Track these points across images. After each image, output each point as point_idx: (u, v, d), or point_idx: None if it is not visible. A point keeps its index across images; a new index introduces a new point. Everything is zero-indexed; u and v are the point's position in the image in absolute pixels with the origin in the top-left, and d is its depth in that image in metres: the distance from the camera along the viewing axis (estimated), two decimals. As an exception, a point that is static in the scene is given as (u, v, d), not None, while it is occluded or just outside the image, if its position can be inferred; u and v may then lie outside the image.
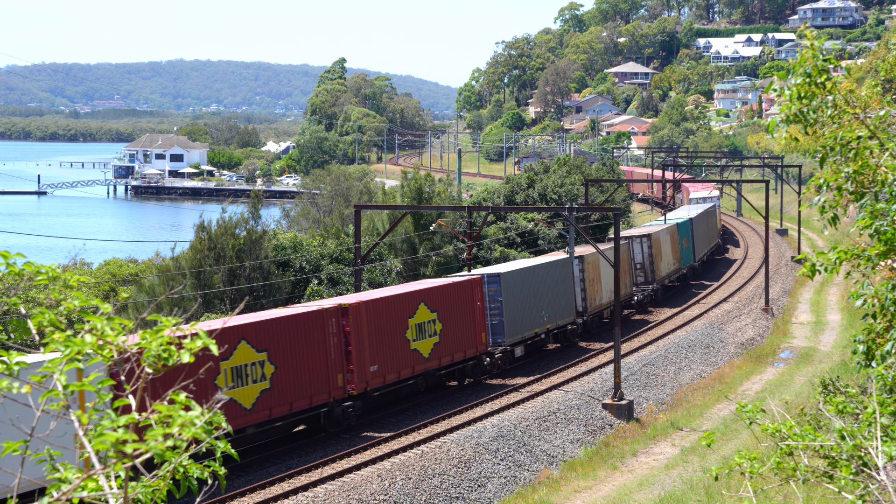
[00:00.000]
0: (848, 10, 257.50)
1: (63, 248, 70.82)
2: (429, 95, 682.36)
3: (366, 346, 35.62)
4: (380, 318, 36.43)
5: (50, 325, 5.84)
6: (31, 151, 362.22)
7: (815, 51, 10.76)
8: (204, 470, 6.31)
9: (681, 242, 69.70)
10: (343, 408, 34.95)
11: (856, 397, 13.34)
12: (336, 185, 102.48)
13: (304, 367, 33.23)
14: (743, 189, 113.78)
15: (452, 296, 40.68)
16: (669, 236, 66.81)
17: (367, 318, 35.80)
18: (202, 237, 50.42)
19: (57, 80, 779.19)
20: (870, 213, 11.30)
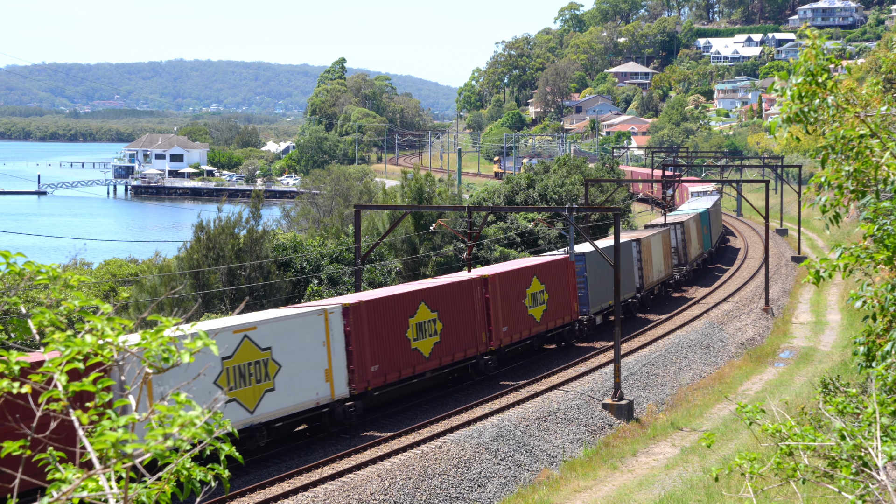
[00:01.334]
0: (848, 10, 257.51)
1: (63, 248, 70.83)
2: (429, 95, 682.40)
3: (500, 310, 43.61)
4: (506, 289, 44.26)
5: (50, 325, 5.84)
6: (31, 151, 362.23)
7: (818, 49, 10.75)
8: (207, 473, 6.32)
9: (702, 229, 77.50)
10: (485, 361, 42.75)
11: (856, 397, 13.34)
12: (336, 185, 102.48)
13: (461, 325, 41.16)
14: (743, 189, 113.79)
15: (554, 271, 48.34)
16: (695, 224, 74.33)
17: (501, 288, 43.75)
18: (200, 237, 50.44)
19: (57, 80, 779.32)
20: (872, 211, 11.29)
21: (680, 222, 70.06)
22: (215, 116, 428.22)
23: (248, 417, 31.46)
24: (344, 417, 35.05)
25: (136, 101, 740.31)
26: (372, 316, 36.46)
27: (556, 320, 48.05)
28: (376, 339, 36.63)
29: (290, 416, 33.30)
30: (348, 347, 35.31)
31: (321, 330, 34.28)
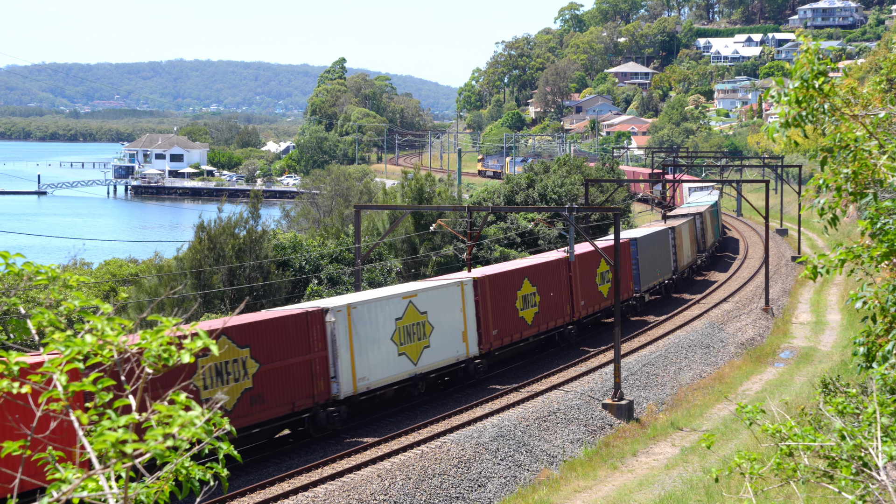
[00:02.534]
0: (848, 10, 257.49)
1: (63, 248, 70.82)
2: (429, 95, 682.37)
3: (580, 287, 51.05)
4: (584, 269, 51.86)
5: (50, 325, 5.84)
6: (31, 151, 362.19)
7: (812, 56, 10.75)
8: (206, 472, 6.32)
9: (714, 220, 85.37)
10: (568, 330, 50.12)
11: (856, 397, 13.34)
12: (336, 185, 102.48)
13: (554, 298, 48.17)
14: (743, 189, 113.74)
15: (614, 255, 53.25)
16: (709, 214, 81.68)
17: (580, 268, 51.32)
18: (202, 237, 50.45)
19: (57, 80, 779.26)
20: (875, 210, 11.29)
21: (699, 213, 77.21)
22: (215, 116, 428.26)
23: (412, 368, 38.41)
24: (474, 372, 42.05)
25: (136, 101, 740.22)
26: (493, 288, 43.52)
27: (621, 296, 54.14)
28: (496, 308, 43.59)
29: (439, 369, 40.20)
30: (477, 314, 42.24)
31: (459, 299, 41.20)
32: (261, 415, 31.91)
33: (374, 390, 36.67)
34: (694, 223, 73.42)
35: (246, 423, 31.36)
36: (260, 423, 32.15)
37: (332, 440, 34.82)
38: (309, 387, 33.69)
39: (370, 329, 36.05)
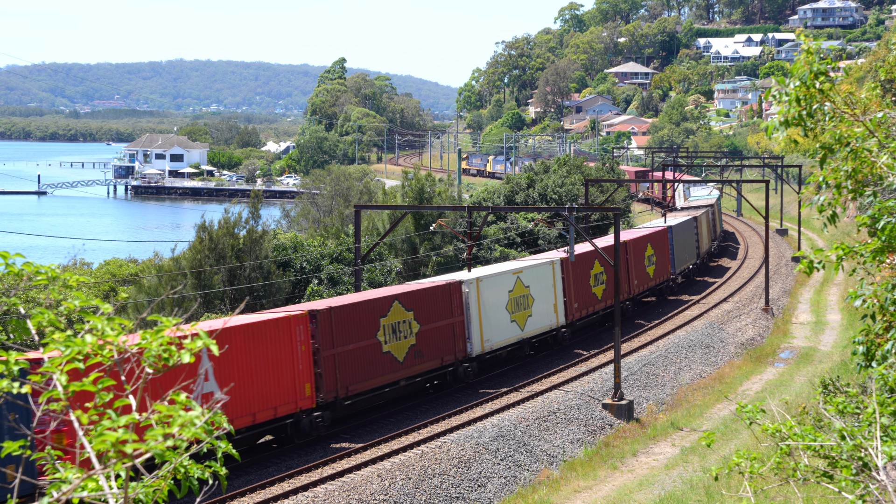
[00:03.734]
0: (848, 10, 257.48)
1: (63, 248, 70.82)
2: (429, 95, 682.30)
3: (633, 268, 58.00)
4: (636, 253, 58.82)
5: (50, 325, 5.84)
6: (31, 151, 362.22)
7: (812, 59, 10.75)
8: (205, 470, 6.32)
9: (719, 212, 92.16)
10: (626, 305, 56.71)
11: (856, 397, 13.34)
12: (336, 185, 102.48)
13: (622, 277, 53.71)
14: (743, 189, 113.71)
15: (657, 239, 63.27)
16: (716, 207, 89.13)
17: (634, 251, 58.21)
18: (203, 237, 50.45)
19: (57, 80, 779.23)
20: (877, 209, 11.29)
21: (710, 205, 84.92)
22: (215, 116, 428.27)
23: (520, 333, 45.37)
24: (561, 339, 49.25)
25: (136, 101, 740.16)
26: (575, 267, 50.37)
27: (658, 280, 63.24)
28: (576, 284, 50.59)
29: (537, 336, 46.89)
30: (564, 289, 49.23)
31: (551, 276, 48.01)
32: (420, 367, 38.99)
33: (495, 350, 44.03)
34: (708, 214, 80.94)
35: (410, 374, 38.54)
36: (419, 373, 39.20)
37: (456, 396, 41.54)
38: (452, 345, 40.75)
39: (492, 299, 43.35)
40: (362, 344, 35.79)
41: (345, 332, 35.09)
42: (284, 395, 32.47)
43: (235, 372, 30.51)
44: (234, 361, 30.60)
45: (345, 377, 34.99)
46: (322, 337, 33.95)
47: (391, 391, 38.16)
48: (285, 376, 32.53)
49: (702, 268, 76.95)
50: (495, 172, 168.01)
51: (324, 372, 33.98)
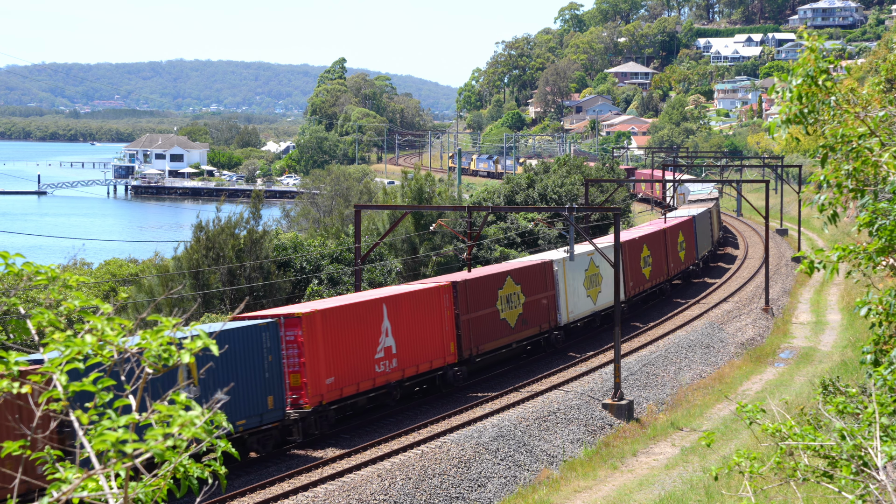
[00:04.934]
0: (848, 10, 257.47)
1: (63, 248, 70.81)
2: (429, 95, 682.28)
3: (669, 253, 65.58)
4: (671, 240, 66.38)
5: (50, 325, 5.84)
6: (31, 151, 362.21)
7: (817, 54, 10.74)
8: (204, 470, 6.31)
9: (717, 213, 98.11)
10: (666, 285, 65.37)
11: (856, 397, 13.33)
12: (336, 185, 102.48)
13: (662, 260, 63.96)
14: (743, 189, 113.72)
15: (686, 228, 70.35)
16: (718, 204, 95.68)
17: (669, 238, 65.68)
18: (200, 237, 50.42)
19: (57, 80, 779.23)
20: (871, 211, 11.28)
21: (715, 198, 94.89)
22: (215, 116, 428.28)
23: (593, 307, 52.73)
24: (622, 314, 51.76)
25: (136, 101, 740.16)
26: (630, 250, 57.27)
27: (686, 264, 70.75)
28: (631, 267, 57.24)
29: (603, 310, 53.39)
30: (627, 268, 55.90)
31: (585, 268, 52.35)
32: (526, 332, 46.25)
33: (576, 321, 51.16)
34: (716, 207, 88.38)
35: (518, 338, 45.70)
36: (525, 338, 46.40)
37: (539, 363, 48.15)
38: (546, 315, 48.01)
39: (574, 276, 50.60)
40: (487, 311, 43.07)
41: (475, 301, 42.13)
42: (437, 351, 39.66)
43: (405, 331, 37.60)
44: (403, 322, 37.45)
45: (476, 338, 42.16)
46: (461, 304, 41.07)
47: (505, 352, 45.55)
48: (437, 336, 39.70)
49: (715, 256, 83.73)
50: (478, 171, 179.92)
51: (462, 333, 41.10)
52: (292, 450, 33.69)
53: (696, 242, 72.64)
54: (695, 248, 72.57)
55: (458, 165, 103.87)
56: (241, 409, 30.70)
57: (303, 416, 33.02)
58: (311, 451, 33.86)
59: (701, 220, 76.12)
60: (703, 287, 71.19)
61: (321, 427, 34.04)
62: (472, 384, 42.53)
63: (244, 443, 31.55)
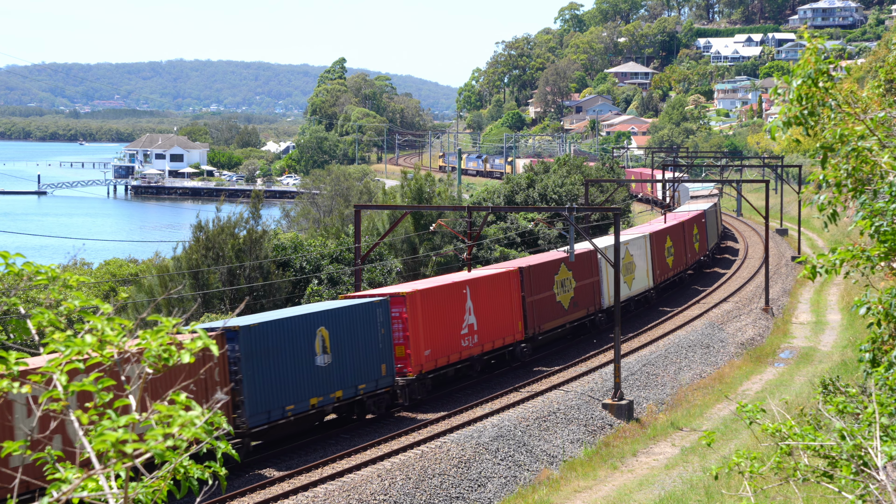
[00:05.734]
0: (848, 10, 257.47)
1: (63, 248, 70.82)
2: (429, 95, 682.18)
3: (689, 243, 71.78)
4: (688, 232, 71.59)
5: (50, 325, 5.84)
6: (31, 151, 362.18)
7: (816, 56, 10.73)
8: (205, 471, 6.32)
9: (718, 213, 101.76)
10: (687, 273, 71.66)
11: (856, 397, 13.34)
12: (336, 185, 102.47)
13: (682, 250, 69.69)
14: (743, 189, 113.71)
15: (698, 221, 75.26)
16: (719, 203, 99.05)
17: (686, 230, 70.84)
18: (199, 237, 50.41)
19: (57, 80, 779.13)
20: (869, 212, 11.28)
21: (716, 194, 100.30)
22: (215, 116, 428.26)
23: (629, 293, 57.27)
24: (652, 300, 62.02)
25: (136, 101, 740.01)
26: (657, 240, 62.71)
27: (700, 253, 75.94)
28: (658, 255, 62.50)
29: (636, 296, 58.86)
30: (652, 258, 60.88)
31: (644, 247, 59.86)
32: (576, 314, 51.01)
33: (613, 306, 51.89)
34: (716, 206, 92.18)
35: (570, 319, 50.53)
36: (575, 319, 51.09)
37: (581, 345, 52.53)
38: (592, 299, 52.96)
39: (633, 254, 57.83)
40: (546, 294, 47.83)
41: (536, 285, 46.86)
42: (508, 329, 44.44)
43: (483, 311, 42.32)
44: (482, 303, 42.04)
45: (538, 318, 46.96)
46: (526, 287, 45.84)
47: (560, 331, 50.27)
48: (508, 315, 44.47)
49: (719, 249, 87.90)
50: (467, 169, 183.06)
51: (527, 313, 45.83)
52: (399, 412, 38.27)
53: (706, 235, 78.06)
54: (706, 239, 77.72)
55: (459, 166, 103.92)
56: (361, 375, 35.56)
57: (407, 382, 37.86)
58: (413, 414, 38.09)
59: (709, 214, 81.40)
60: (715, 276, 75.97)
61: (420, 393, 38.67)
62: (536, 359, 47.56)
63: (363, 404, 36.28)
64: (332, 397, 34.29)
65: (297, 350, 32.82)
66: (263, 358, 31.60)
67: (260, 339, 31.56)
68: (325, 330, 34.07)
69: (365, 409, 36.31)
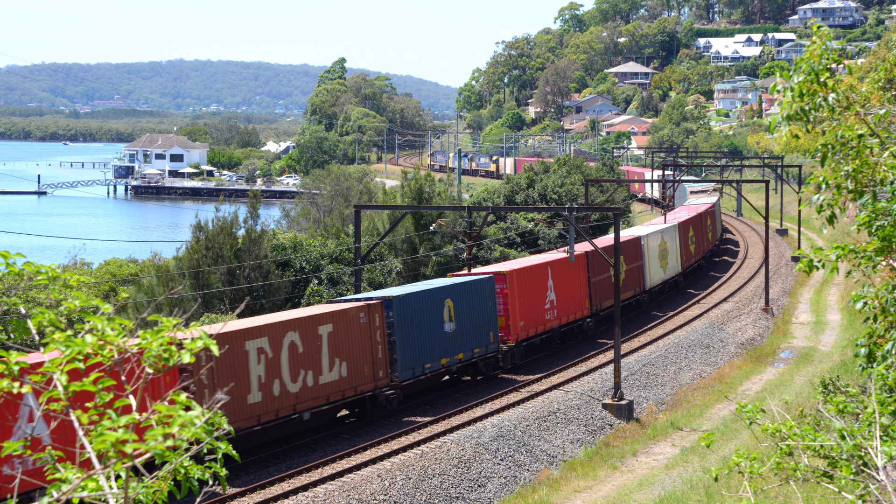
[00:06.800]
0: (848, 10, 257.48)
1: (63, 248, 70.81)
2: (429, 95, 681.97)
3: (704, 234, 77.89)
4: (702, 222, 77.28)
5: (50, 325, 5.84)
6: (31, 151, 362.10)
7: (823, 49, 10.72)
8: (205, 471, 6.31)
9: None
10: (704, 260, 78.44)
11: (856, 397, 13.34)
12: (336, 185, 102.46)
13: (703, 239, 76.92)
14: (743, 189, 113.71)
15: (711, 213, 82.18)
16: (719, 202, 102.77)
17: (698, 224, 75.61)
18: (199, 237, 50.40)
19: (57, 80, 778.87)
20: (871, 212, 11.27)
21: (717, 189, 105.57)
22: (215, 116, 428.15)
23: (664, 276, 64.10)
24: (680, 283, 69.36)
25: (136, 101, 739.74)
26: (682, 229, 68.97)
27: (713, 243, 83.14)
28: (683, 243, 68.82)
29: (667, 280, 65.44)
30: (680, 245, 67.68)
31: (675, 235, 66.67)
32: (627, 294, 57.12)
33: (654, 287, 62.84)
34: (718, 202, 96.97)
35: (623, 298, 54.69)
36: (627, 298, 57.22)
37: None
38: (638, 280, 59.73)
39: (653, 250, 62.33)
40: (604, 276, 53.65)
41: (597, 267, 52.92)
42: (577, 305, 50.95)
43: (560, 289, 48.55)
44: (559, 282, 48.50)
45: (599, 296, 53.35)
46: (591, 269, 52.39)
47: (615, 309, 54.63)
48: (577, 293, 50.92)
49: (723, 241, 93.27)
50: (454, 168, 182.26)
51: (592, 292, 52.44)
52: (500, 374, 44.39)
53: (715, 226, 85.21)
54: (715, 230, 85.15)
55: (459, 166, 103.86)
56: (476, 340, 41.56)
57: (508, 349, 44.24)
58: (512, 376, 44.17)
59: (716, 207, 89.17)
60: (727, 265, 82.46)
61: (518, 358, 45.18)
62: (599, 332, 54.07)
63: (476, 366, 42.70)
64: (456, 359, 40.33)
65: (431, 318, 38.93)
66: (409, 324, 37.65)
67: (407, 307, 37.61)
68: (451, 301, 40.15)
69: (478, 370, 42.84)
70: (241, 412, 30.57)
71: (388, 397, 36.88)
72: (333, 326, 34.14)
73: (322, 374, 33.70)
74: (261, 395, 31.27)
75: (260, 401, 31.27)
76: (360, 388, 35.34)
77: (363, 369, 35.54)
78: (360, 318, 35.38)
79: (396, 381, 36.93)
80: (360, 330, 35.24)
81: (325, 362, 33.79)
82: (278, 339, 32.07)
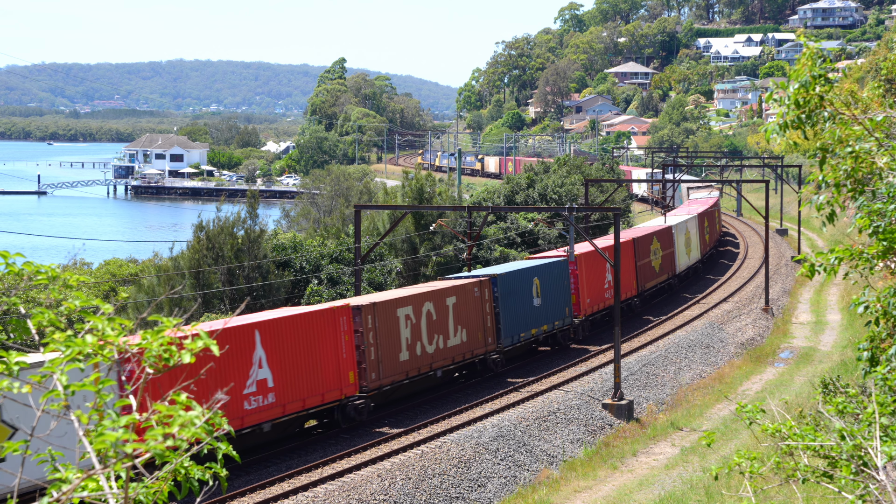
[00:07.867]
0: (848, 10, 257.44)
1: (63, 248, 70.81)
2: (429, 95, 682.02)
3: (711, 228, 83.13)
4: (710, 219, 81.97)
5: (50, 325, 5.84)
6: (31, 151, 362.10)
7: (811, 60, 10.72)
8: (205, 472, 6.32)
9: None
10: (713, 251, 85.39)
11: (856, 397, 13.33)
12: (336, 185, 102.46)
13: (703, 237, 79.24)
14: (743, 189, 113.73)
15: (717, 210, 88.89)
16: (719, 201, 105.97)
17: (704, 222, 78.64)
18: (200, 237, 50.40)
19: (57, 80, 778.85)
20: (867, 213, 11.27)
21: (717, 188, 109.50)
22: (215, 116, 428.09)
23: (688, 262, 69.42)
24: (700, 270, 75.57)
25: (136, 101, 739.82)
26: (700, 221, 74.40)
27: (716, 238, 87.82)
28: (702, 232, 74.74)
29: (691, 266, 71.52)
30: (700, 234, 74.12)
31: (696, 226, 73.38)
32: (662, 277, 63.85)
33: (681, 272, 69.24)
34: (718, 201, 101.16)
35: (659, 281, 63.42)
36: (661, 282, 63.88)
37: None
38: (671, 266, 65.84)
39: (680, 237, 68.18)
40: (646, 261, 60.42)
41: (642, 252, 59.61)
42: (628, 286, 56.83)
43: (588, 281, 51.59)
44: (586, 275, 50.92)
45: (643, 279, 59.95)
46: (637, 254, 58.62)
47: (654, 291, 63.42)
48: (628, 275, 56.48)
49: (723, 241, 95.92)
50: (441, 166, 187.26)
51: (638, 274, 59.01)
52: (571, 345, 50.04)
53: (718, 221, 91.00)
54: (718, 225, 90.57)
55: (459, 166, 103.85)
56: (556, 314, 47.56)
57: (580, 322, 50.28)
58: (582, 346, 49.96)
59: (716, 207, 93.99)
60: (731, 256, 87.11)
61: (586, 331, 51.14)
62: (645, 310, 61.00)
63: (555, 337, 48.62)
64: (542, 329, 46.44)
65: (524, 293, 44.64)
66: (509, 298, 43.51)
67: (507, 284, 43.55)
68: (538, 279, 45.93)
69: (556, 340, 48.73)
70: (394, 368, 36.94)
71: (495, 360, 43.26)
72: (457, 298, 40.37)
73: (449, 339, 40.09)
74: (408, 355, 37.63)
75: (407, 359, 37.60)
76: (475, 351, 41.83)
77: (477, 336, 41.89)
78: (474, 292, 41.53)
79: (500, 346, 43.37)
80: (475, 302, 41.55)
81: (451, 328, 40.09)
82: (419, 307, 38.34)
